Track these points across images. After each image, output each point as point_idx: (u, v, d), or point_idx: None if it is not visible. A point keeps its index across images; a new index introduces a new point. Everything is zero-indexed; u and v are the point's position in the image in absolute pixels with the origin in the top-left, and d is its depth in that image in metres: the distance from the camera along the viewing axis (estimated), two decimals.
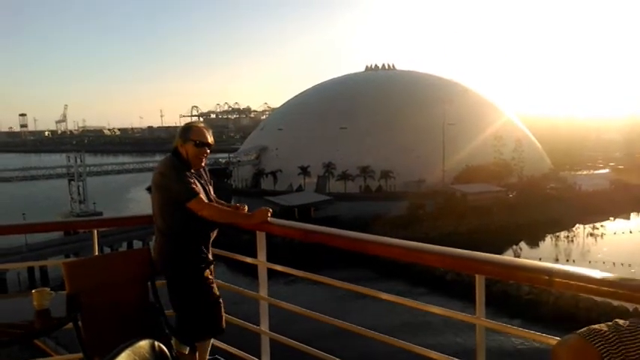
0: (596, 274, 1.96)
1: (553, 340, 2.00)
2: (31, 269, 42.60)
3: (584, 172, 78.44)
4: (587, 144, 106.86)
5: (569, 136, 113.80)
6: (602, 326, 1.14)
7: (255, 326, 3.46)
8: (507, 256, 2.43)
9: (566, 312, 31.76)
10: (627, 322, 1.14)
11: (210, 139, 3.31)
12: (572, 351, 1.13)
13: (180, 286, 3.24)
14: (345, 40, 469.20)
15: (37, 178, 70.65)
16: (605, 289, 1.91)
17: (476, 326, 2.37)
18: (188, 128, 3.31)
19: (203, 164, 3.36)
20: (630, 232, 54.95)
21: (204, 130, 3.30)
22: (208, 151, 3.31)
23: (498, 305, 30.96)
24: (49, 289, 2.79)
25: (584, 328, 1.15)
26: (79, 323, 2.88)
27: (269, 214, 3.32)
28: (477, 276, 2.31)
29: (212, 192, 3.44)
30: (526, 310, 32.74)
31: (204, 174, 3.40)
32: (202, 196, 3.18)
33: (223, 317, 3.33)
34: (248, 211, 3.43)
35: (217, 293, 3.33)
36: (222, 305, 3.32)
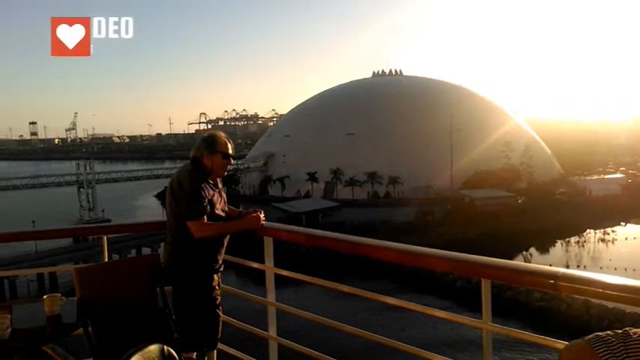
0: (602, 277, 1.96)
1: (559, 343, 2.00)
2: (40, 276, 42.88)
3: (595, 177, 77.77)
4: (597, 149, 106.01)
5: (579, 140, 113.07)
6: (610, 334, 1.16)
7: (263, 332, 3.48)
8: (513, 261, 2.43)
9: (578, 319, 31.45)
10: (638, 332, 1.15)
11: (232, 149, 3.37)
12: (577, 356, 1.16)
13: (185, 293, 3.27)
14: (353, 46, 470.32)
15: (46, 186, 71.17)
16: (611, 292, 1.91)
17: (482, 331, 2.38)
18: (214, 140, 3.31)
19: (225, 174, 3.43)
20: None
21: (228, 142, 3.35)
22: (232, 161, 3.41)
23: (509, 313, 30.73)
24: (60, 294, 2.83)
25: (592, 335, 1.17)
26: (90, 329, 2.91)
27: (262, 219, 3.38)
28: (482, 280, 2.32)
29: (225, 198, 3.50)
30: (537, 317, 32.46)
31: (218, 182, 3.45)
32: (206, 217, 3.20)
33: (219, 331, 3.34)
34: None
35: (219, 305, 3.34)
36: (220, 319, 3.34)
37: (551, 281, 2.01)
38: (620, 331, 1.17)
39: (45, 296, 2.79)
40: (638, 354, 1.10)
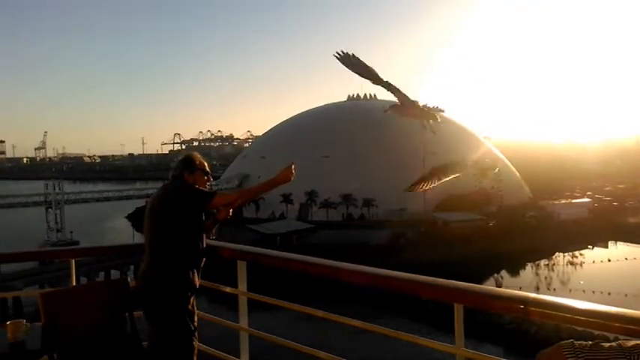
0: (571, 302, 2.00)
1: None
2: (3, 300, 41.31)
3: (563, 201, 79.72)
4: (564, 172, 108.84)
5: (547, 163, 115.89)
6: (583, 343, 1.40)
7: (235, 358, 3.41)
8: (484, 285, 2.46)
9: (548, 341, 31.73)
10: (608, 345, 1.37)
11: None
12: (548, 356, 1.42)
13: (161, 317, 3.19)
14: (328, 70, 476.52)
15: (13, 206, 69.19)
16: (580, 317, 1.95)
17: (455, 356, 2.38)
18: (192, 159, 3.43)
19: None
20: (609, 261, 55.67)
21: (204, 160, 3.50)
22: (211, 178, 3.52)
23: (482, 335, 30.86)
24: (24, 320, 2.74)
25: (569, 340, 1.43)
26: (55, 356, 2.82)
27: (293, 171, 3.33)
28: (455, 305, 2.34)
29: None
30: (509, 339, 32.70)
31: None
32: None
33: (195, 352, 3.27)
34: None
35: (194, 331, 3.28)
36: (195, 347, 3.27)
37: (522, 306, 2.04)
38: (593, 342, 1.40)
39: (8, 322, 2.71)
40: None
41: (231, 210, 3.44)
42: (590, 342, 1.39)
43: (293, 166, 3.35)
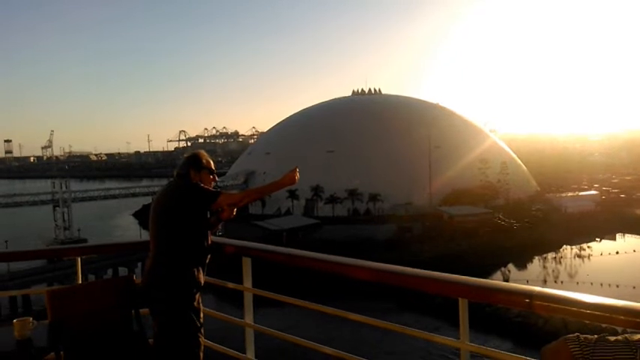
0: (577, 296, 1.98)
1: None
2: (13, 298, 41.66)
3: (570, 194, 79.29)
4: (571, 165, 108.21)
5: (554, 156, 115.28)
6: (589, 337, 1.38)
7: (240, 354, 3.42)
8: (490, 279, 2.45)
9: (555, 334, 31.64)
10: (614, 339, 1.35)
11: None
12: (553, 350, 1.39)
13: (167, 314, 3.19)
14: (332, 65, 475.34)
15: (21, 205, 69.59)
16: (586, 311, 1.93)
17: (460, 350, 2.38)
18: (198, 157, 3.39)
19: None
20: (617, 253, 55.41)
21: (210, 160, 3.45)
22: (217, 178, 3.47)
23: (489, 328, 30.82)
24: (31, 318, 2.75)
25: (574, 334, 1.40)
26: (61, 353, 2.83)
27: (297, 174, 3.35)
28: (459, 299, 2.33)
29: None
30: (516, 332, 32.61)
31: None
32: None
33: (201, 349, 3.27)
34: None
35: (200, 327, 3.27)
36: (201, 344, 3.26)
37: (527, 300, 2.02)
38: (598, 336, 1.39)
39: (15, 320, 2.71)
40: (602, 356, 1.31)
41: (235, 209, 3.43)
42: (595, 335, 1.37)
43: (297, 170, 3.38)
